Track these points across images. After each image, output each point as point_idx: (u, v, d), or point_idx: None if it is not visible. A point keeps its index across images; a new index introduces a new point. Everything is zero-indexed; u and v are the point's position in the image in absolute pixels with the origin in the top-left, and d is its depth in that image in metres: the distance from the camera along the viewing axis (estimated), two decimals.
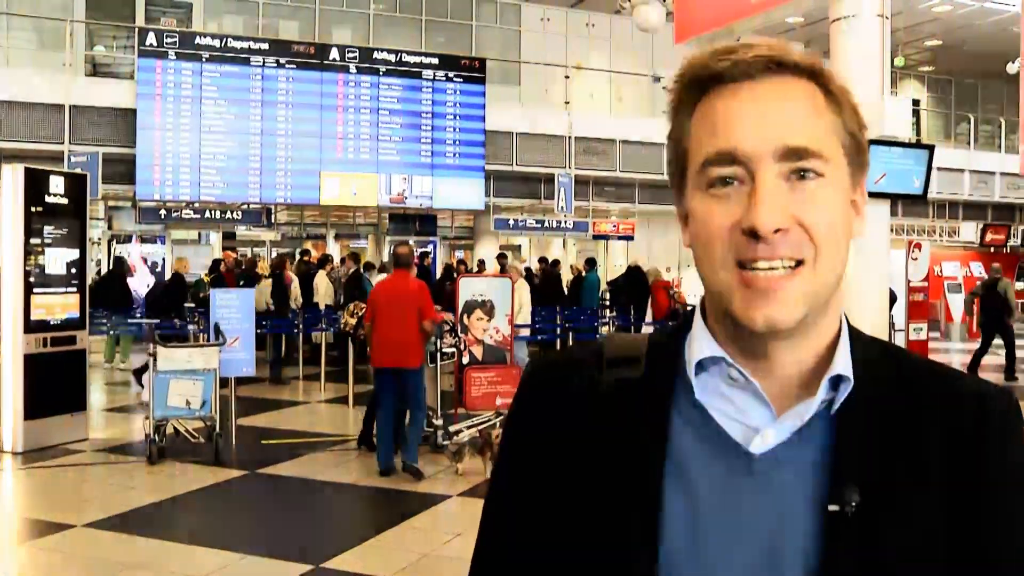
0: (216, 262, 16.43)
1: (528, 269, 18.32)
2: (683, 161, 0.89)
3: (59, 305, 8.33)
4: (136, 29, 16.23)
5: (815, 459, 0.85)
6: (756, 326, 0.83)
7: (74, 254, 8.50)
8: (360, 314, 8.77)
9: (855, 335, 0.91)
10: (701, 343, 0.89)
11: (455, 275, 13.19)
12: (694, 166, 0.87)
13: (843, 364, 0.86)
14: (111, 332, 13.34)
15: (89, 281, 9.23)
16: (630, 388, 0.91)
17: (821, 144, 0.84)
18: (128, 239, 19.19)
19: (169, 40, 15.68)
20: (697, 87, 0.87)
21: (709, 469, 0.86)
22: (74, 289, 8.49)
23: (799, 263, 0.82)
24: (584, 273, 17.34)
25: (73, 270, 8.49)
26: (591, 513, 0.87)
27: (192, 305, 13.21)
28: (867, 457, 0.84)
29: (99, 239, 19.00)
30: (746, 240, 0.82)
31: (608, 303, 17.36)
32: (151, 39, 15.58)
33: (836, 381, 0.86)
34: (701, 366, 0.89)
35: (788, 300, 0.82)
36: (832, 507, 0.82)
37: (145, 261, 18.39)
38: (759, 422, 0.86)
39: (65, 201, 8.38)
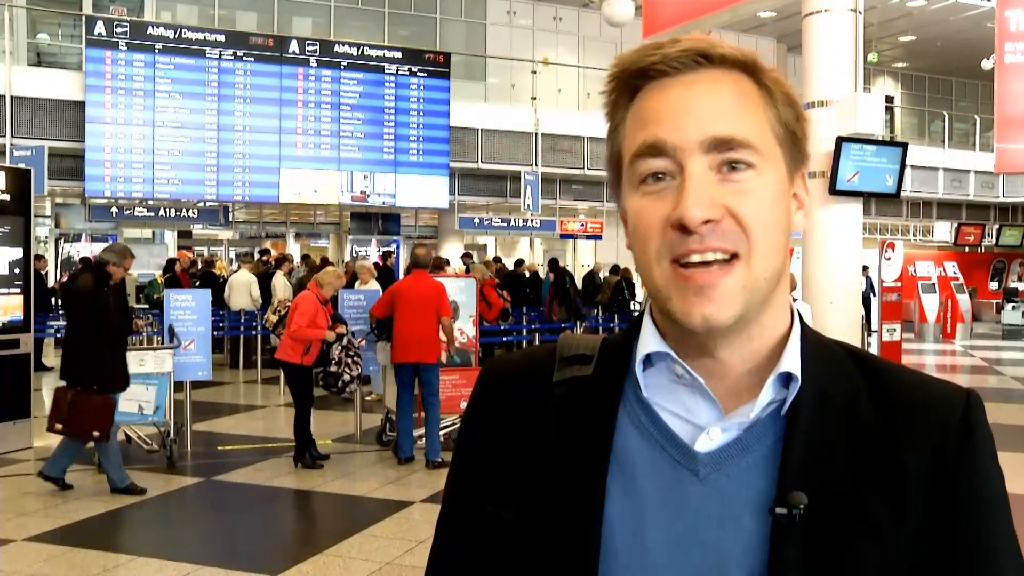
0: (171, 261, 16.28)
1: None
2: (618, 160, 0.90)
3: (1, 307, 8.19)
4: (83, 17, 16.02)
5: (764, 460, 0.85)
6: (695, 325, 0.83)
7: (17, 253, 8.35)
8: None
9: (813, 337, 0.91)
10: (647, 339, 0.90)
11: None
12: (626, 163, 0.88)
13: (791, 362, 0.86)
14: None
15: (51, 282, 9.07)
16: (579, 386, 0.92)
17: (750, 134, 0.84)
18: (77, 238, 18.91)
19: (119, 30, 15.49)
20: (629, 86, 0.89)
21: (654, 468, 0.86)
22: (18, 290, 8.34)
23: (734, 256, 0.82)
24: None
25: (16, 270, 8.34)
26: (537, 514, 0.88)
27: (145, 306, 13.10)
28: (819, 459, 0.83)
29: (46, 238, 18.72)
30: (677, 234, 0.82)
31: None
32: (100, 28, 15.39)
33: (787, 381, 0.86)
34: (649, 362, 0.89)
35: (725, 297, 0.82)
36: (779, 510, 0.81)
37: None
38: (706, 420, 0.87)
39: (7, 198, 8.23)
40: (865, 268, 18.10)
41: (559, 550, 0.86)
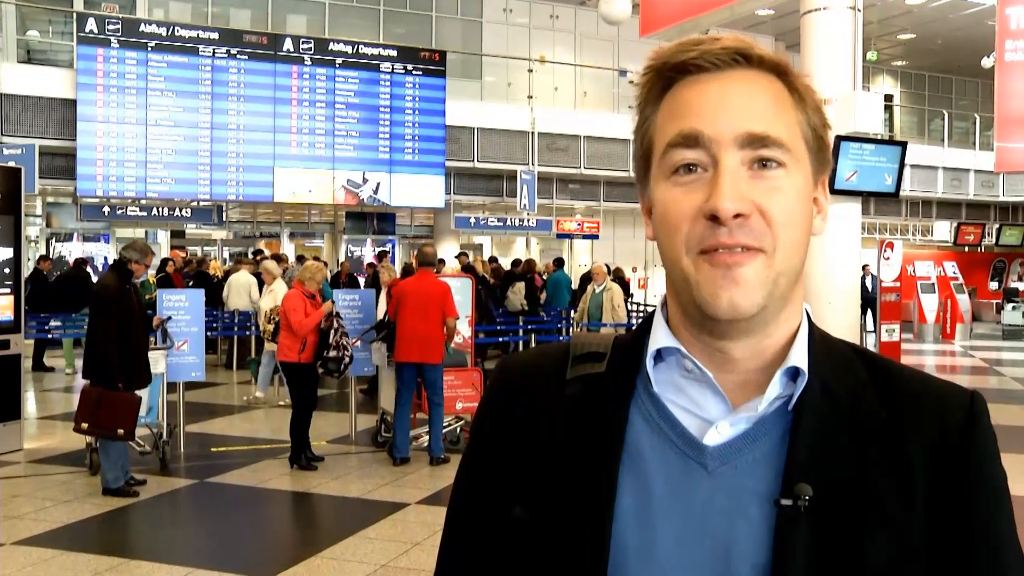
0: (164, 261, 16.26)
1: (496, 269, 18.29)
2: (648, 151, 0.92)
3: None
4: (74, 14, 15.97)
5: (771, 454, 0.87)
6: (721, 310, 0.85)
7: (7, 253, 8.33)
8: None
9: (819, 333, 0.93)
10: (658, 334, 0.92)
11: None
12: (657, 154, 0.90)
13: (798, 357, 0.88)
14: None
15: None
16: (592, 384, 0.94)
17: (783, 134, 0.87)
18: (69, 237, 18.90)
19: (111, 27, 15.46)
20: (664, 79, 0.91)
21: (664, 462, 0.88)
22: (8, 290, 8.32)
23: (759, 251, 0.85)
24: (550, 273, 17.35)
25: (7, 270, 8.32)
26: (548, 510, 0.89)
27: None
28: (826, 452, 0.85)
29: (36, 237, 18.70)
30: (707, 226, 0.84)
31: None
32: (91, 25, 15.36)
33: (795, 375, 0.88)
34: (660, 357, 0.92)
35: (750, 282, 0.84)
36: (784, 501, 0.83)
37: (90, 261, 18.15)
38: (715, 415, 0.89)
39: None
40: (865, 267, 18.16)
41: (571, 544, 0.87)
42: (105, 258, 18.56)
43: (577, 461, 0.89)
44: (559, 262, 17.53)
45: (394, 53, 17.75)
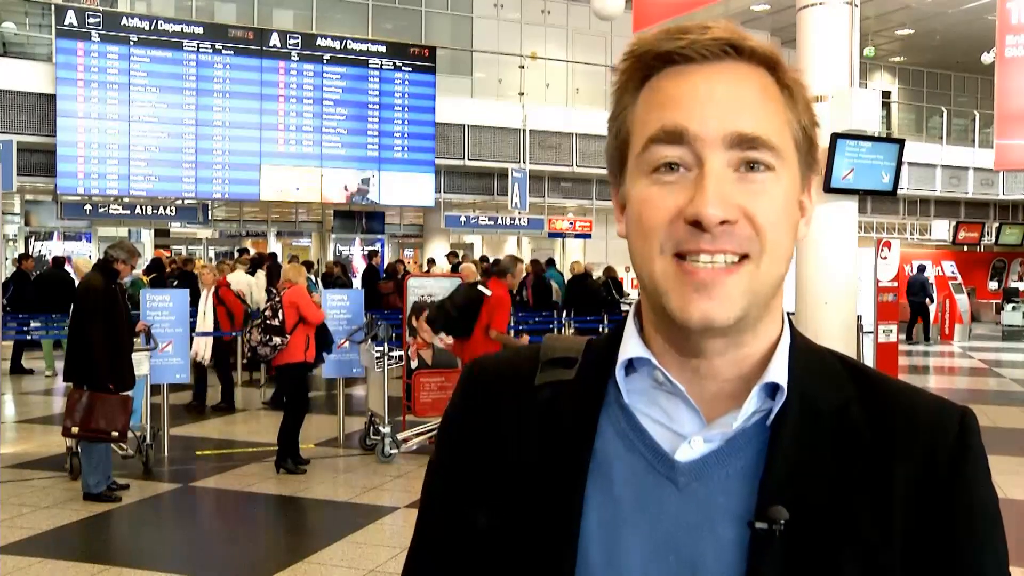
0: (155, 261, 16.26)
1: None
2: (624, 144, 0.88)
3: None
4: (52, 6, 15.90)
5: (746, 471, 0.83)
6: (692, 323, 0.81)
7: None
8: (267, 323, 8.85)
9: (803, 343, 0.90)
10: (628, 343, 0.89)
11: (399, 276, 13.19)
12: (636, 148, 0.85)
13: (777, 372, 0.85)
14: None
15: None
16: (561, 391, 0.91)
17: (773, 135, 0.83)
18: (49, 236, 18.83)
19: (92, 20, 15.41)
20: (646, 68, 0.86)
21: (633, 475, 0.85)
22: None
23: (743, 258, 0.81)
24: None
25: None
26: (512, 521, 0.87)
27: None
28: (804, 472, 0.82)
29: (15, 236, 18.63)
30: (689, 231, 0.80)
31: None
32: (70, 18, 15.30)
33: (774, 390, 0.85)
34: (632, 367, 0.88)
35: (728, 296, 0.81)
36: (759, 524, 0.80)
37: (68, 260, 18.10)
38: (688, 429, 0.85)
39: None
40: (923, 268, 18.37)
41: (535, 560, 0.85)
42: (90, 257, 18.49)
43: (544, 473, 0.87)
44: (550, 262, 17.41)
45: (383, 49, 17.74)
